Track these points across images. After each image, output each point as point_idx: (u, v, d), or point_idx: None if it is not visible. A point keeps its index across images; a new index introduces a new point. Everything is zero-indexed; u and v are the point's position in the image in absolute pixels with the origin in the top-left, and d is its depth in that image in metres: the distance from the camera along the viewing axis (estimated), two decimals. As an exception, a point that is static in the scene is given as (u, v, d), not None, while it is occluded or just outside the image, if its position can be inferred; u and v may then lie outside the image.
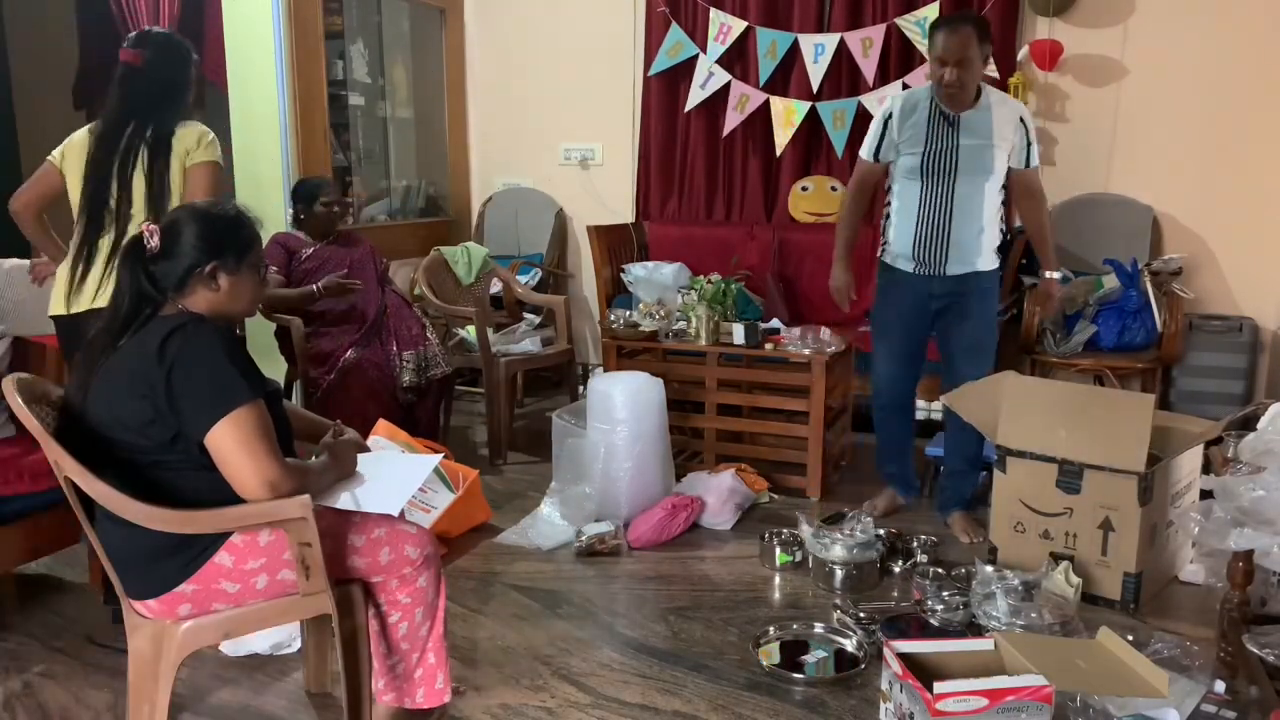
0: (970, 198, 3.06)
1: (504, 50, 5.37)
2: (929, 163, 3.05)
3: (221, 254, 1.85)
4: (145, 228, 1.85)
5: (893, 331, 3.25)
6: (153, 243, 1.83)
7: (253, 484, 1.73)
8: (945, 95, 3.01)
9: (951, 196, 3.06)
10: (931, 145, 3.05)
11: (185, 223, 1.86)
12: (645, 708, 2.25)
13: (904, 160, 3.13)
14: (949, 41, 2.94)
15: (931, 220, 3.08)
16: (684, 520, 3.24)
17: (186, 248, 1.83)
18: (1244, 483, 2.18)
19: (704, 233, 4.85)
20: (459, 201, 5.54)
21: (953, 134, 3.04)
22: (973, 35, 2.95)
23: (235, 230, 1.90)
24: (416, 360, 3.78)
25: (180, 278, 1.84)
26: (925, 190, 3.08)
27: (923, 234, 3.10)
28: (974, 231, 3.08)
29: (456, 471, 3.25)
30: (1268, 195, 4.06)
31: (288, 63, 4.21)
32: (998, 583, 2.56)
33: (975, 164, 3.03)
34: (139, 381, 1.74)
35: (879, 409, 3.39)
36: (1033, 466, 2.81)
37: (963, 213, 3.06)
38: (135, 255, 1.85)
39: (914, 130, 3.08)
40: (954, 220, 3.07)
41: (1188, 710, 2.11)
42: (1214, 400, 3.89)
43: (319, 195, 3.81)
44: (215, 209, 1.93)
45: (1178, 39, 4.12)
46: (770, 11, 4.66)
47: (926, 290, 3.15)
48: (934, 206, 3.08)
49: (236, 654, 2.46)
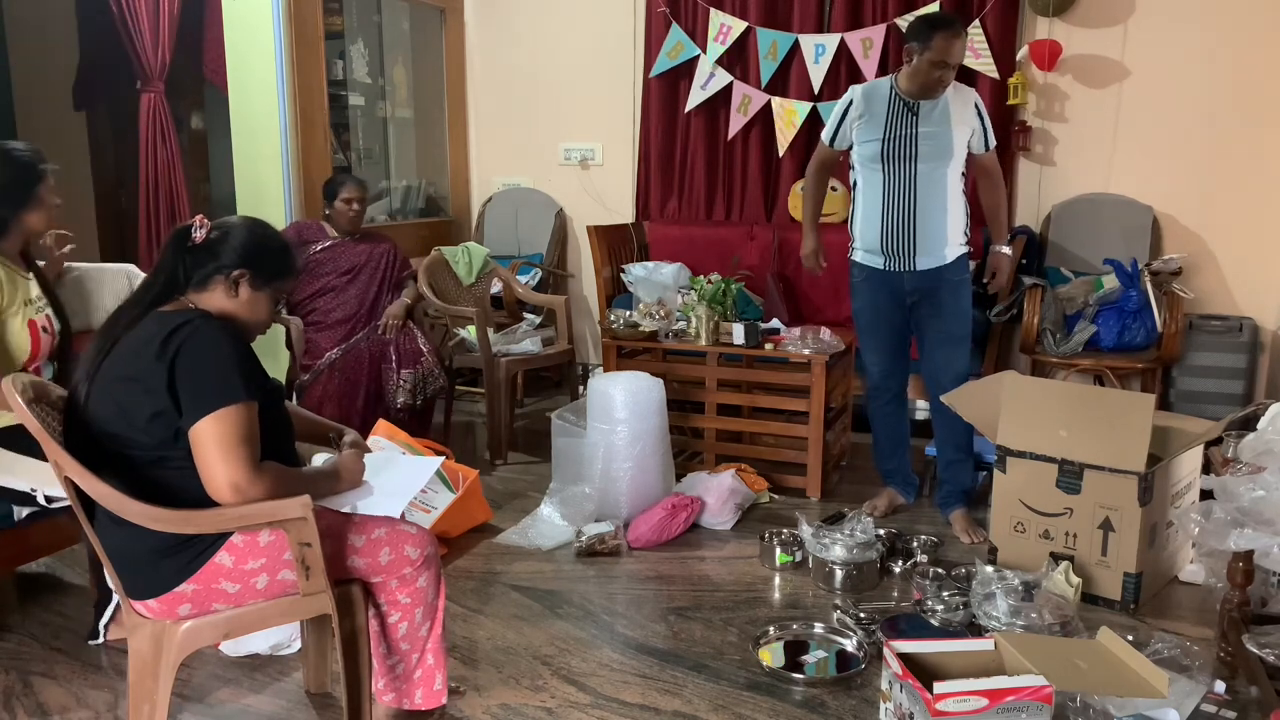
0: (933, 182, 3.11)
1: (504, 50, 5.37)
2: (889, 148, 3.11)
3: (255, 267, 1.89)
4: (198, 219, 1.89)
5: (877, 327, 3.32)
6: (199, 234, 1.87)
7: (219, 484, 1.72)
8: (926, 91, 3.06)
9: (914, 182, 3.10)
10: (891, 130, 3.11)
11: (237, 229, 1.92)
12: (645, 708, 2.25)
13: (864, 148, 3.18)
14: (956, 47, 3.01)
15: (896, 208, 3.13)
16: (684, 520, 3.24)
17: (228, 248, 1.87)
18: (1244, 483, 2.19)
19: (704, 233, 4.85)
20: (459, 201, 5.54)
21: (912, 120, 3.10)
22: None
23: (278, 255, 1.96)
24: (414, 380, 3.81)
25: (208, 274, 1.86)
26: (887, 178, 3.13)
27: (889, 225, 3.14)
28: (939, 217, 3.13)
29: (456, 472, 3.25)
30: (1268, 195, 4.06)
31: (288, 63, 4.21)
32: (998, 583, 2.56)
33: (935, 148, 3.09)
34: (144, 373, 1.74)
35: (875, 404, 3.43)
36: (1033, 466, 2.81)
37: (926, 197, 3.11)
38: (179, 241, 1.88)
39: (873, 116, 3.15)
40: (919, 206, 3.11)
41: (1188, 710, 2.11)
42: (1214, 400, 3.89)
43: (339, 192, 3.88)
44: (270, 231, 1.98)
45: (1178, 39, 4.12)
46: (770, 12, 4.66)
47: (900, 286, 3.20)
48: (897, 194, 3.12)
49: (236, 654, 2.46)
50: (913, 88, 3.08)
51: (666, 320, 3.85)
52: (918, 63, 3.03)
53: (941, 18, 3.38)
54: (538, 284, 4.97)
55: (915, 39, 3.04)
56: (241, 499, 1.73)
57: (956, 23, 3.08)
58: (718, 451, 3.77)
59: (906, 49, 3.08)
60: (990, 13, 4.28)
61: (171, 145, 5.04)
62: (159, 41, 4.88)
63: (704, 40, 4.76)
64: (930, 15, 3.60)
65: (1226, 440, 2.46)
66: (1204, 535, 2.25)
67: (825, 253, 3.45)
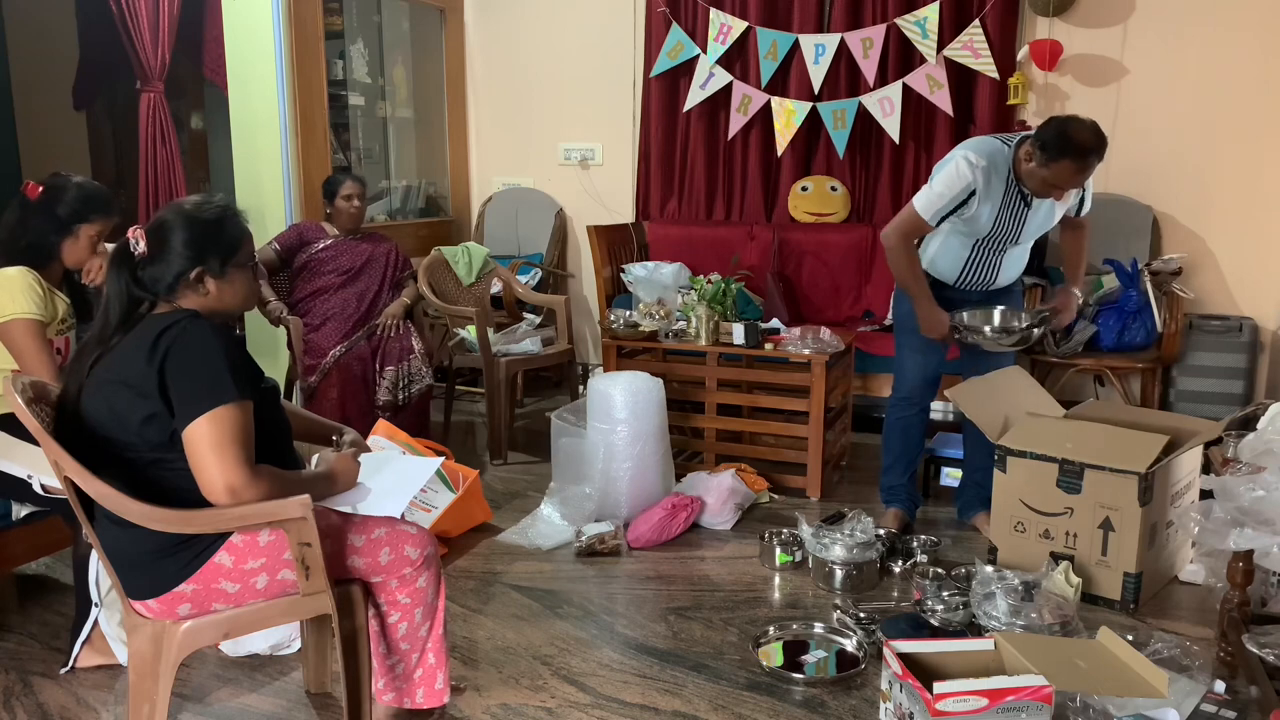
0: (1023, 255, 3.12)
1: (504, 50, 5.37)
2: (995, 231, 2.96)
3: (205, 258, 1.84)
4: (132, 232, 1.83)
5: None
6: (139, 248, 1.82)
7: (215, 485, 1.71)
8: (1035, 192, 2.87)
9: (1004, 253, 3.06)
10: (1000, 219, 2.93)
11: (170, 226, 1.84)
12: (645, 708, 2.25)
13: (967, 225, 2.96)
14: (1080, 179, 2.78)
15: (981, 267, 3.08)
16: (684, 520, 3.24)
17: (172, 253, 1.82)
18: (1244, 483, 2.18)
19: (704, 233, 4.85)
20: (459, 201, 5.54)
21: (1024, 211, 2.93)
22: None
23: (218, 231, 1.87)
24: (394, 378, 3.81)
25: (169, 284, 1.83)
26: (981, 247, 3.04)
27: (968, 275, 3.09)
28: (1020, 265, 3.14)
29: (456, 471, 3.25)
30: (1268, 195, 4.06)
31: (288, 63, 4.21)
32: (998, 583, 2.56)
33: (1036, 232, 3.03)
34: (135, 377, 1.74)
35: (899, 414, 3.24)
36: (1033, 466, 2.81)
37: (1011, 262, 3.10)
38: (123, 260, 1.83)
39: (988, 200, 2.88)
40: (1001, 269, 3.09)
41: (1188, 710, 2.11)
42: (1214, 400, 3.90)
43: (338, 190, 3.89)
44: (199, 209, 1.88)
45: (1178, 39, 4.12)
46: (770, 12, 4.66)
47: (963, 300, 3.12)
48: (984, 259, 3.06)
49: (236, 654, 2.46)
50: (1026, 184, 2.87)
51: (666, 320, 3.85)
52: (1035, 169, 2.78)
53: (1078, 141, 2.70)
54: (538, 284, 4.97)
55: (1043, 148, 2.72)
56: (237, 500, 1.72)
57: (1091, 153, 2.70)
58: (718, 451, 3.77)
59: (1031, 146, 2.78)
60: (990, 13, 4.28)
61: (171, 145, 5.04)
62: (159, 41, 4.88)
63: (704, 40, 4.76)
64: (1071, 126, 2.72)
65: (1226, 440, 2.46)
66: (1204, 535, 2.25)
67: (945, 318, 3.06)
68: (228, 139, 4.45)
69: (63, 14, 5.66)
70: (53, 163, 5.31)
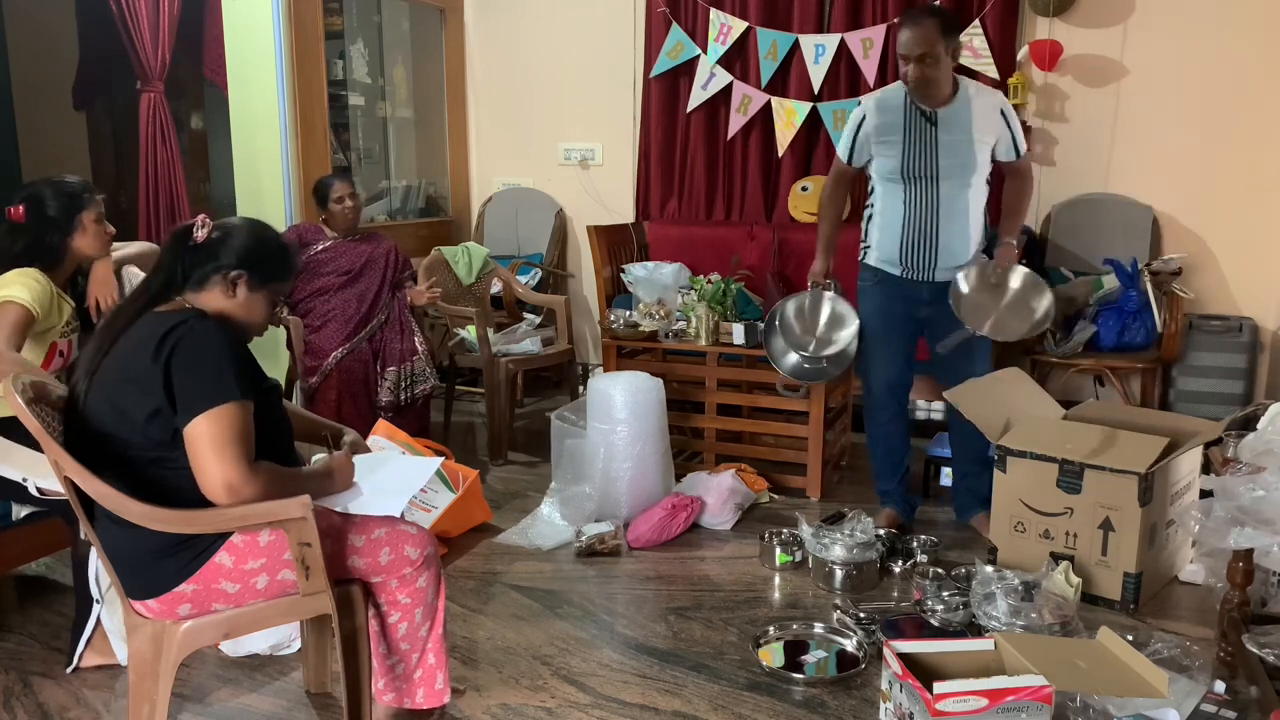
0: (956, 199, 3.00)
1: (504, 50, 5.37)
2: (909, 163, 2.97)
3: (254, 268, 1.90)
4: (200, 218, 1.90)
5: (887, 334, 3.17)
6: (200, 234, 1.88)
7: (214, 484, 1.72)
8: (915, 93, 2.95)
9: (936, 199, 2.99)
10: (910, 143, 2.97)
11: (238, 230, 1.93)
12: (645, 708, 2.25)
13: (883, 163, 3.05)
14: (909, 37, 2.86)
15: (918, 226, 3.02)
16: (684, 520, 3.24)
17: (228, 249, 1.88)
18: (1244, 483, 2.18)
19: (704, 233, 4.85)
20: (459, 201, 5.54)
21: (932, 131, 2.96)
22: (935, 29, 2.84)
23: (277, 258, 1.97)
24: (396, 378, 3.80)
25: (206, 273, 1.87)
26: (909, 194, 3.01)
27: (910, 239, 3.04)
28: (962, 234, 3.03)
29: (456, 471, 3.25)
30: (1268, 195, 4.06)
31: (288, 63, 4.21)
32: (998, 583, 2.56)
33: (958, 161, 2.96)
34: (140, 373, 1.74)
35: (875, 421, 3.27)
36: (1033, 466, 2.81)
37: (949, 215, 3.00)
38: (180, 240, 1.89)
39: (890, 129, 3.00)
40: (940, 224, 3.01)
41: (1188, 710, 2.12)
42: (1214, 400, 3.89)
43: (330, 194, 3.87)
44: (271, 233, 1.99)
45: (1177, 39, 4.12)
46: (770, 12, 4.66)
47: (915, 295, 3.10)
48: (920, 211, 3.01)
49: (236, 654, 2.46)
50: (912, 90, 2.95)
51: (666, 320, 3.85)
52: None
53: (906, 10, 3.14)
54: (538, 284, 4.98)
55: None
56: (235, 499, 1.73)
57: (910, 12, 2.94)
58: (718, 451, 3.77)
59: None
60: (990, 13, 4.28)
61: (171, 145, 5.05)
62: (159, 41, 4.88)
63: (704, 40, 4.76)
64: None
65: (1226, 440, 2.46)
66: (1204, 535, 2.25)
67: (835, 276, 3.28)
68: (228, 139, 4.45)
69: (63, 14, 5.66)
70: (53, 163, 5.32)
